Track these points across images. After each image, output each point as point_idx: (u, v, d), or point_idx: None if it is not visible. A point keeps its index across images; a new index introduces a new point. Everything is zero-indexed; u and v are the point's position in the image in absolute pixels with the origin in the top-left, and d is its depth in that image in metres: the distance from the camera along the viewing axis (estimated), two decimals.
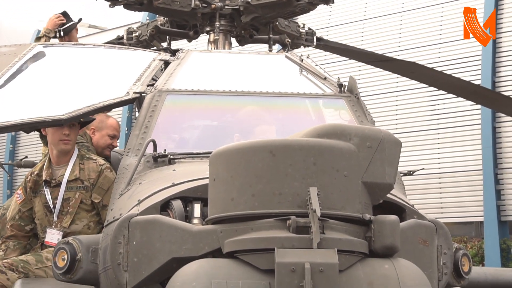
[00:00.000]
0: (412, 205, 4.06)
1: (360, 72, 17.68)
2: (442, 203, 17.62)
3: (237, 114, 5.44)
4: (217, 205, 3.40)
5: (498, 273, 7.14)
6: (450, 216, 17.18)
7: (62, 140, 5.50)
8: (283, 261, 3.03)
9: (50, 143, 5.60)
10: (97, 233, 5.24)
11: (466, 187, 17.42)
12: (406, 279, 3.16)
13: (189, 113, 5.52)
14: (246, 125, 5.37)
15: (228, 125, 5.43)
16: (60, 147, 5.51)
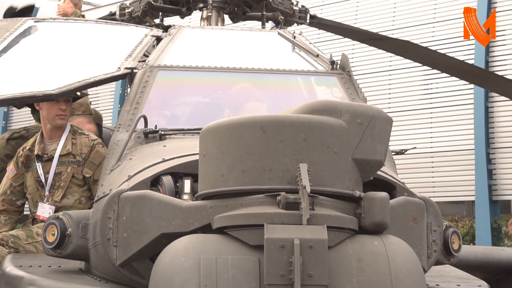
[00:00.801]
0: (402, 182, 4.06)
1: (353, 51, 17.65)
2: (434, 183, 17.66)
3: (229, 91, 5.43)
4: (207, 181, 3.39)
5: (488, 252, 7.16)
6: (442, 196, 17.22)
7: (59, 115, 5.50)
8: (272, 237, 3.02)
9: (44, 118, 5.59)
10: (88, 208, 5.25)
11: (458, 166, 17.46)
12: (395, 256, 3.17)
13: (180, 89, 5.51)
14: (237, 101, 5.36)
15: (220, 102, 5.41)
16: (56, 122, 5.51)
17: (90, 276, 4.20)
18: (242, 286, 3.03)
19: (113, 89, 21.08)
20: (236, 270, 3.06)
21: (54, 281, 4.05)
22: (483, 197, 16.92)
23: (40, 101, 5.40)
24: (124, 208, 3.58)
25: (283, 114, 3.45)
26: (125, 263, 3.62)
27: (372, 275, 3.09)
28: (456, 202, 18.39)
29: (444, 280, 4.63)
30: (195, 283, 3.03)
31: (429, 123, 17.86)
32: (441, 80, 17.30)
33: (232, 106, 5.26)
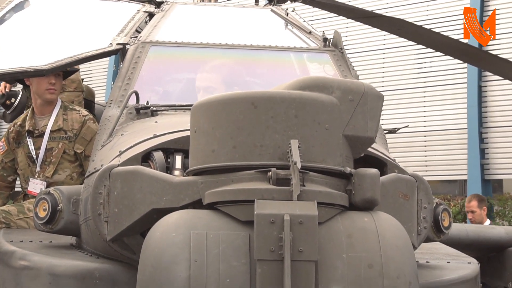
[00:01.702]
0: (393, 159, 4.07)
1: (347, 29, 17.62)
2: (427, 161, 17.70)
3: (221, 67, 5.42)
4: (198, 156, 3.39)
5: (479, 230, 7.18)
6: (434, 174, 17.27)
7: (48, 89, 5.49)
8: (262, 212, 3.02)
9: (34, 93, 5.58)
10: (79, 184, 5.25)
11: (451, 145, 17.49)
12: (385, 232, 3.17)
13: (172, 65, 5.49)
14: (230, 77, 5.35)
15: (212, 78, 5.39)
16: (45, 96, 5.50)
17: (81, 251, 4.21)
18: (232, 261, 3.04)
19: (106, 66, 21.03)
20: (226, 245, 3.07)
21: (45, 256, 4.06)
22: (475, 176, 16.98)
23: (31, 77, 5.39)
24: (115, 183, 3.58)
25: (274, 90, 3.44)
26: (116, 238, 3.63)
27: (362, 251, 3.10)
28: (449, 181, 18.45)
29: (434, 257, 4.66)
30: (185, 258, 3.04)
31: (422, 102, 17.87)
32: (435, 59, 17.29)
33: (225, 83, 5.25)
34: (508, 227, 9.93)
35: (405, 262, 3.14)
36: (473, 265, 4.53)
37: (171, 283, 3.01)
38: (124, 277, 3.85)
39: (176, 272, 3.02)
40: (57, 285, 3.90)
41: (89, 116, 5.61)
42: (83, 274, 3.90)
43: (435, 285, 4.16)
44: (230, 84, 5.22)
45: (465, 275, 4.35)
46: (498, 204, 17.15)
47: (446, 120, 17.50)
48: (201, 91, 5.06)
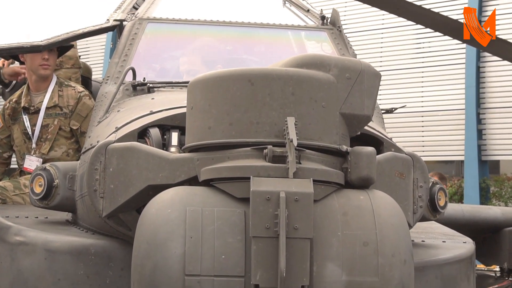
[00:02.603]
0: (390, 138, 4.06)
1: (346, 9, 17.58)
2: (424, 142, 17.72)
3: (219, 44, 5.40)
4: (194, 133, 3.38)
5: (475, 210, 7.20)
6: (431, 155, 17.29)
7: (42, 65, 5.47)
8: (258, 189, 3.02)
9: (29, 69, 5.56)
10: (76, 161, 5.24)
11: (448, 126, 17.51)
12: (380, 211, 3.17)
13: (169, 42, 5.47)
14: (227, 55, 5.34)
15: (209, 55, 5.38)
16: (39, 72, 5.48)
17: (76, 227, 4.22)
18: (228, 238, 3.03)
19: (104, 43, 20.98)
20: (221, 222, 3.06)
21: (40, 232, 4.06)
22: (472, 157, 17.00)
23: (27, 52, 5.37)
24: (111, 159, 3.57)
25: (271, 67, 3.43)
26: (112, 215, 3.62)
27: (357, 229, 3.10)
28: (445, 162, 18.49)
29: (430, 237, 4.67)
30: (181, 234, 3.03)
31: (420, 82, 17.87)
32: (433, 39, 17.27)
33: (222, 60, 5.24)
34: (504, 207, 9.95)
35: (400, 241, 3.14)
36: (468, 245, 4.54)
37: (166, 259, 3.01)
38: (120, 253, 3.86)
39: (171, 248, 3.02)
40: (53, 260, 3.91)
41: (85, 92, 5.59)
42: (78, 250, 3.90)
43: (430, 264, 4.17)
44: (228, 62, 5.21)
45: (460, 255, 4.36)
46: (495, 185, 17.19)
47: (443, 100, 17.51)
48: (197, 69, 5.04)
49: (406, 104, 12.36)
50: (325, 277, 3.03)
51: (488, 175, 17.38)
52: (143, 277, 3.05)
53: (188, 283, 2.98)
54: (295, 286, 2.97)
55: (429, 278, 4.15)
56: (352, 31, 17.33)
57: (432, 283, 4.16)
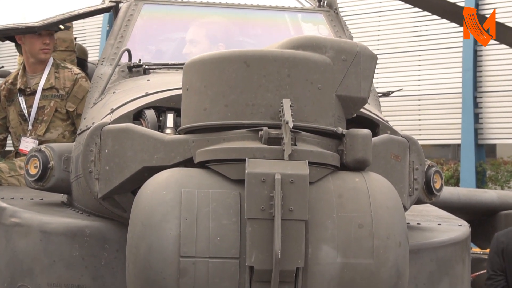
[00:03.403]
0: (386, 120, 4.05)
1: None
2: (421, 125, 17.73)
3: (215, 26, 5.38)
4: (189, 115, 3.37)
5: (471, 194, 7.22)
6: (428, 139, 17.31)
7: (42, 49, 5.46)
8: (253, 171, 3.01)
9: (27, 52, 5.54)
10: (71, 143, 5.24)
11: (445, 109, 17.51)
12: (376, 193, 3.16)
13: (165, 24, 5.45)
14: (224, 37, 5.32)
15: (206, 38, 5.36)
16: (39, 56, 5.47)
17: (72, 209, 4.22)
18: (223, 219, 3.03)
19: (100, 25, 20.93)
20: (217, 203, 3.06)
21: (36, 213, 4.06)
22: (468, 141, 17.02)
23: (22, 34, 5.35)
24: (106, 141, 3.56)
25: (267, 49, 3.41)
26: (107, 196, 3.62)
27: (353, 211, 3.09)
28: (442, 145, 18.50)
29: (425, 219, 4.67)
30: (176, 216, 3.03)
31: (417, 65, 17.86)
32: (430, 22, 17.24)
33: (219, 41, 5.22)
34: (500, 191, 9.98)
35: (395, 223, 3.14)
36: (463, 228, 4.54)
37: (161, 240, 3.00)
38: (115, 235, 3.86)
39: (166, 230, 3.01)
40: (48, 242, 3.91)
41: (81, 74, 5.58)
42: (73, 231, 3.90)
43: (425, 247, 4.18)
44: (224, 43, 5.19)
45: (456, 237, 4.37)
46: (491, 169, 17.23)
47: (440, 84, 17.50)
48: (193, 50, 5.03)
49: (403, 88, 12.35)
50: (320, 259, 3.03)
51: (484, 159, 17.41)
52: (138, 258, 3.05)
53: (183, 264, 2.98)
54: (290, 267, 2.97)
55: (424, 260, 4.16)
56: (349, 14, 17.30)
57: (427, 266, 4.17)
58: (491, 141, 17.46)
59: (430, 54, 17.67)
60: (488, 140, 17.31)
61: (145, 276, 3.03)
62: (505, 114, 16.98)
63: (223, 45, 5.08)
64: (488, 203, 6.99)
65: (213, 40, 5.26)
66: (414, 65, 17.85)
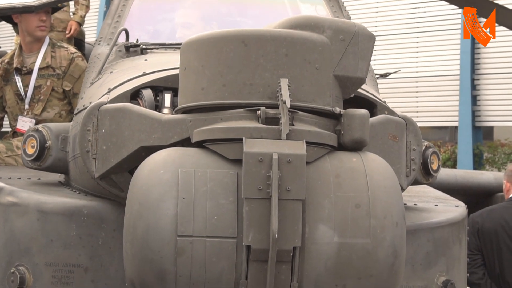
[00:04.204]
0: (383, 101, 4.05)
1: None
2: (418, 107, 17.72)
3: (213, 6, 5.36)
4: (187, 94, 3.36)
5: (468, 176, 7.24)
6: (425, 120, 17.30)
7: (39, 26, 5.44)
8: (251, 151, 3.01)
9: (24, 30, 5.52)
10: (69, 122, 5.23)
11: (443, 91, 17.50)
12: (373, 173, 3.16)
13: (162, 3, 5.43)
14: (221, 17, 5.30)
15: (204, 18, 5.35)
16: (36, 33, 5.45)
17: (69, 189, 4.22)
18: (220, 199, 3.03)
19: (97, 6, 20.85)
20: (214, 183, 3.06)
21: (33, 193, 4.06)
22: (466, 123, 17.02)
23: (20, 13, 5.33)
24: (103, 120, 3.56)
25: (265, 28, 3.40)
26: (104, 176, 3.62)
27: (350, 191, 3.09)
28: (439, 128, 18.51)
29: (423, 200, 4.68)
30: (173, 195, 3.03)
31: (415, 47, 17.82)
32: (428, 4, 17.20)
33: (216, 22, 5.21)
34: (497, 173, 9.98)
35: (392, 203, 3.14)
36: (460, 208, 4.55)
37: (159, 220, 3.01)
38: (112, 214, 3.87)
39: (164, 209, 3.02)
40: (45, 221, 3.92)
41: (77, 53, 5.57)
42: (71, 211, 3.91)
43: (422, 227, 4.19)
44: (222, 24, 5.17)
45: (453, 218, 4.38)
46: (488, 151, 17.23)
47: (438, 66, 17.48)
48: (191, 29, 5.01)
49: (401, 69, 12.34)
50: (317, 238, 3.04)
51: (481, 141, 17.41)
52: (136, 237, 3.05)
53: (180, 243, 2.98)
54: (287, 247, 2.98)
55: (421, 241, 4.17)
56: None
57: (424, 246, 4.18)
58: (488, 123, 17.47)
59: (428, 36, 17.63)
60: (486, 122, 17.31)
61: (142, 255, 3.04)
62: (502, 96, 16.97)
63: (216, 24, 5.06)
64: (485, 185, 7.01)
65: (208, 21, 5.24)
66: (412, 47, 17.82)
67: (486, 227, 5.68)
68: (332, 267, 3.05)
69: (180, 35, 5.00)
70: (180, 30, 5.14)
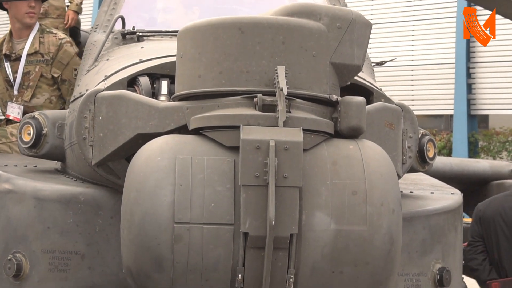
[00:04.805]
0: (380, 88, 4.05)
1: None
2: (414, 95, 17.74)
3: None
4: (184, 81, 3.36)
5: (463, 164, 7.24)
6: (421, 109, 17.32)
7: (28, 13, 5.43)
8: (248, 138, 3.01)
9: (13, 17, 5.51)
10: (59, 108, 5.23)
11: (438, 80, 17.51)
12: (370, 160, 3.17)
13: None
14: (219, 5, 5.29)
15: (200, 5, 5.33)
16: (25, 20, 5.44)
17: (66, 176, 4.22)
18: (217, 186, 3.03)
19: None
20: (211, 170, 3.06)
21: (30, 180, 4.06)
22: (461, 111, 17.05)
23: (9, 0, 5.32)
24: (100, 107, 3.55)
25: (261, 15, 3.40)
26: (101, 163, 3.62)
27: (346, 178, 3.10)
28: (435, 116, 18.53)
29: (419, 188, 4.69)
30: (170, 182, 3.03)
31: (411, 36, 17.82)
32: None
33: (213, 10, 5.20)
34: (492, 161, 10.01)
35: (389, 190, 3.15)
36: (456, 196, 4.56)
37: (156, 207, 3.01)
38: (109, 201, 3.87)
39: (161, 196, 3.02)
40: (42, 209, 3.92)
41: (66, 39, 5.56)
42: (67, 198, 3.91)
43: (418, 215, 4.20)
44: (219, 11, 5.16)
45: (448, 206, 4.39)
46: (483, 140, 17.27)
47: (434, 54, 17.48)
48: None
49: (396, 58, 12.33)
50: (314, 225, 3.04)
51: (477, 129, 17.45)
52: (133, 224, 3.06)
53: (177, 230, 2.99)
54: (284, 234, 2.99)
55: (416, 228, 4.19)
56: None
57: (420, 234, 4.19)
58: (483, 112, 17.50)
59: (424, 24, 17.63)
60: (481, 110, 17.34)
61: (139, 242, 3.04)
62: (498, 84, 17.00)
63: (198, 9, 5.05)
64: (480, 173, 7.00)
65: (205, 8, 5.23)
66: (407, 35, 17.81)
67: (486, 215, 5.73)
68: (328, 254, 3.05)
69: (177, 22, 4.99)
70: (176, 17, 5.13)
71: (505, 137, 16.84)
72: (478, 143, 17.17)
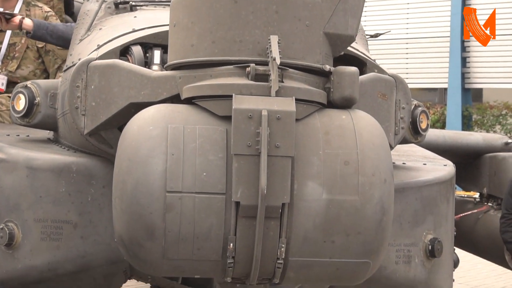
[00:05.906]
0: (373, 59, 4.05)
1: None
2: (408, 69, 17.73)
3: None
4: (176, 51, 3.35)
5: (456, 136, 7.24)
6: (415, 82, 17.32)
7: None
8: (240, 107, 3.01)
9: None
10: None
11: (433, 53, 17.49)
12: (362, 130, 3.17)
13: None
14: None
15: None
16: None
17: (58, 146, 4.22)
18: (209, 155, 3.03)
19: None
20: (203, 139, 3.06)
21: (22, 149, 4.06)
22: (455, 85, 17.05)
23: None
24: (92, 77, 3.55)
25: None
26: (93, 132, 3.62)
27: (339, 148, 3.10)
28: (429, 89, 18.53)
29: (411, 159, 4.70)
30: (162, 151, 3.03)
31: (406, 9, 17.76)
32: None
33: None
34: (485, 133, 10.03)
35: (381, 160, 3.15)
36: (449, 168, 4.57)
37: (148, 176, 3.01)
38: (101, 171, 3.87)
39: (153, 165, 3.02)
40: (34, 178, 3.92)
41: (51, 12, 5.58)
42: (60, 167, 3.91)
43: (410, 186, 4.21)
44: None
45: (441, 177, 4.41)
46: (477, 113, 17.29)
47: (428, 27, 17.45)
48: None
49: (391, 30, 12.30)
50: (306, 195, 3.05)
51: (471, 103, 17.47)
52: (125, 193, 3.06)
53: (169, 199, 2.99)
54: (276, 203, 2.99)
55: (409, 199, 4.20)
56: None
57: (412, 204, 4.21)
58: (477, 85, 17.51)
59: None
60: (475, 84, 17.35)
61: (131, 211, 3.05)
62: (492, 58, 16.99)
63: None
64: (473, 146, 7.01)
65: None
66: (402, 8, 17.76)
67: None
68: (320, 223, 3.06)
69: None
70: None
71: (498, 110, 16.86)
72: (472, 117, 17.19)
